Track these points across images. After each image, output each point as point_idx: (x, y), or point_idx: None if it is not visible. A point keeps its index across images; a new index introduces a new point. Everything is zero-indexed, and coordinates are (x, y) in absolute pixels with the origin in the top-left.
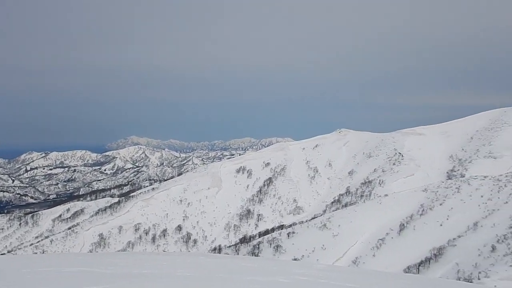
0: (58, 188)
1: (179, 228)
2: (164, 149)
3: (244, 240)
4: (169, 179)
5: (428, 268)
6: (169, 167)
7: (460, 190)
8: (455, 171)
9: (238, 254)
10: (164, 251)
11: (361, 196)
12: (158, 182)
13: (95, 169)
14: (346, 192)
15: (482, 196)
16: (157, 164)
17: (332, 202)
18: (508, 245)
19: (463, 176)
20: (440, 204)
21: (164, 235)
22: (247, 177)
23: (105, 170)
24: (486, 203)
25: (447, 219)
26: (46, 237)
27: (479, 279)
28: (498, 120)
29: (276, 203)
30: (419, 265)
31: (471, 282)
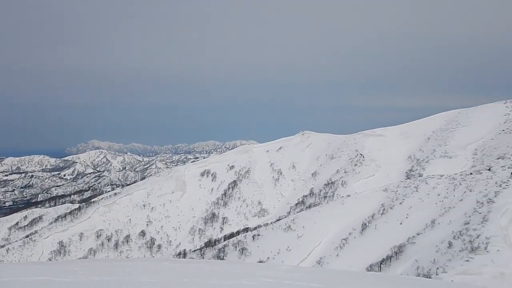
0: (15, 194)
1: (143, 233)
2: (126, 153)
3: (209, 244)
4: (132, 183)
5: (389, 265)
6: (131, 171)
7: (418, 189)
8: (413, 171)
9: (203, 258)
10: (127, 257)
11: (325, 197)
12: (120, 187)
13: (54, 175)
14: (310, 194)
15: (439, 195)
16: (119, 169)
17: (296, 204)
18: (463, 241)
19: (421, 176)
20: (400, 203)
21: (127, 241)
22: (212, 180)
23: (64, 175)
24: (442, 201)
25: (407, 217)
26: (2, 246)
27: (437, 274)
28: (453, 121)
29: (241, 206)
30: (380, 263)
31: (429, 277)
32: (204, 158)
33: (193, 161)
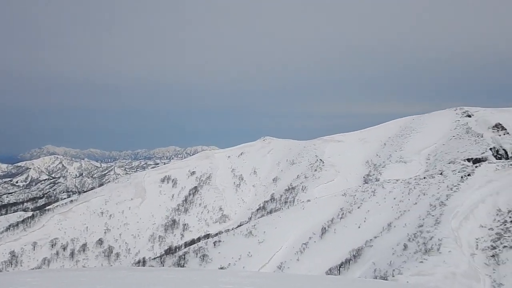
0: None
1: (100, 241)
2: (83, 159)
3: (170, 251)
4: (89, 190)
5: (348, 268)
6: (89, 177)
7: (375, 193)
8: (371, 176)
9: (163, 265)
10: (83, 266)
11: (285, 202)
12: (77, 194)
13: (5, 181)
14: (270, 199)
15: (394, 198)
16: (76, 175)
17: (258, 209)
18: (418, 243)
19: (378, 180)
20: (358, 207)
21: (84, 250)
22: (172, 186)
23: (17, 182)
24: (398, 204)
25: (365, 221)
26: None
27: (393, 276)
28: (408, 127)
29: (202, 212)
30: (339, 267)
31: (386, 279)
32: (164, 164)
33: (153, 167)
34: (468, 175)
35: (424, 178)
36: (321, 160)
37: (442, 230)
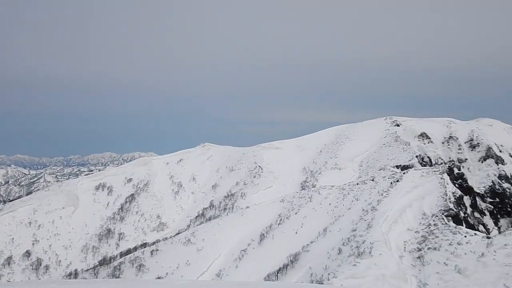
0: None
1: (28, 253)
2: (10, 166)
3: (104, 261)
4: (16, 199)
5: (286, 274)
6: (16, 185)
7: (312, 199)
8: (307, 182)
9: (97, 277)
10: (8, 281)
11: (225, 209)
12: (2, 203)
13: None
14: (210, 206)
15: (330, 204)
16: (1, 183)
17: (196, 217)
18: (351, 247)
19: (315, 186)
20: (296, 213)
21: (9, 263)
22: (108, 194)
23: None
24: (333, 210)
25: (302, 226)
26: None
27: (328, 280)
28: (342, 135)
29: (139, 220)
30: (277, 272)
31: (322, 283)
32: (99, 170)
33: (87, 174)
34: (397, 181)
35: (357, 184)
36: (260, 167)
37: (373, 234)
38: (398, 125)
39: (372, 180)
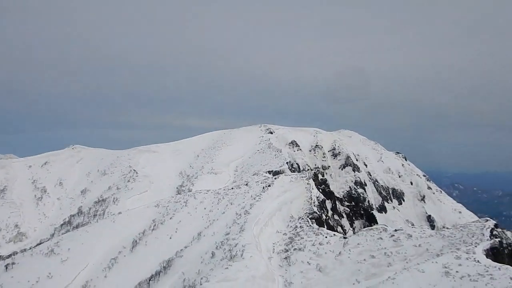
0: None
1: None
2: None
3: None
4: None
5: (158, 281)
6: None
7: (187, 204)
8: (184, 186)
9: None
10: None
11: (94, 215)
12: None
13: None
14: (78, 213)
15: (205, 208)
16: None
17: (62, 225)
18: (224, 250)
19: (190, 191)
20: (170, 218)
21: None
22: None
23: None
24: (208, 214)
25: (176, 231)
26: None
27: (201, 284)
28: (219, 140)
29: None
30: (149, 280)
31: None
32: None
33: None
34: (269, 185)
35: (232, 188)
36: (134, 170)
37: (245, 237)
38: (271, 133)
39: (246, 184)
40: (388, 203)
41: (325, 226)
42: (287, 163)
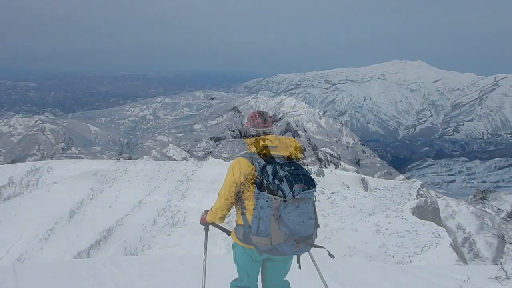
0: None
1: None
2: None
3: None
4: None
5: (99, 249)
6: None
7: (127, 171)
8: (124, 154)
9: None
10: None
11: (27, 186)
12: None
13: None
14: (9, 183)
15: (146, 176)
16: None
17: None
18: (166, 217)
19: (130, 159)
20: (110, 187)
21: None
22: None
23: None
24: (149, 181)
25: (116, 200)
26: None
27: (143, 251)
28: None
29: None
30: (89, 249)
31: (136, 255)
32: None
33: None
34: (211, 152)
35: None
36: (70, 138)
37: (188, 203)
38: (212, 99)
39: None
40: (325, 168)
41: (266, 190)
42: (228, 129)
